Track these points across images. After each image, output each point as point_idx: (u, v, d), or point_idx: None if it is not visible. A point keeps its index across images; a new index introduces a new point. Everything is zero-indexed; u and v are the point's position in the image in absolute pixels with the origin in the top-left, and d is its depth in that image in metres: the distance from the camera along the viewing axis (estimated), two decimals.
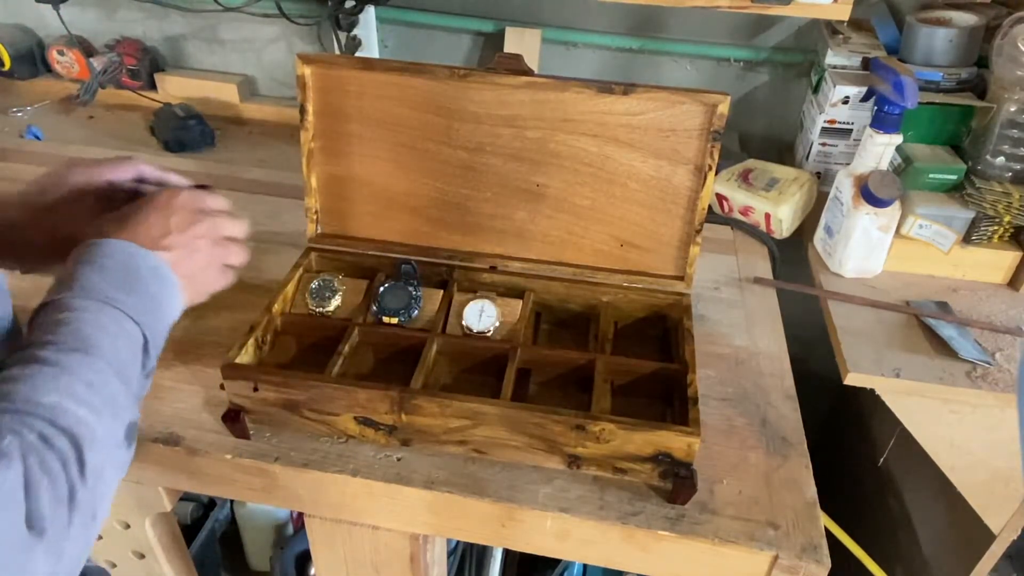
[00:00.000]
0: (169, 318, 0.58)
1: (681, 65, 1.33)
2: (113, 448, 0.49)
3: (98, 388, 0.48)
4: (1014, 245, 1.04)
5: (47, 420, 0.45)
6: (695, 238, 0.85)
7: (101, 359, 0.49)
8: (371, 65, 0.84)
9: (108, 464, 0.48)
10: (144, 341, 0.54)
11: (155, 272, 0.57)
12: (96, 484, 0.46)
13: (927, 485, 1.00)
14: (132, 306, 0.53)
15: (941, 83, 1.06)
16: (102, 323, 0.51)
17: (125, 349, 0.52)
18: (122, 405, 0.50)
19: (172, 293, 0.58)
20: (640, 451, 0.70)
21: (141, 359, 0.54)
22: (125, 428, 0.50)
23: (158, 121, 1.38)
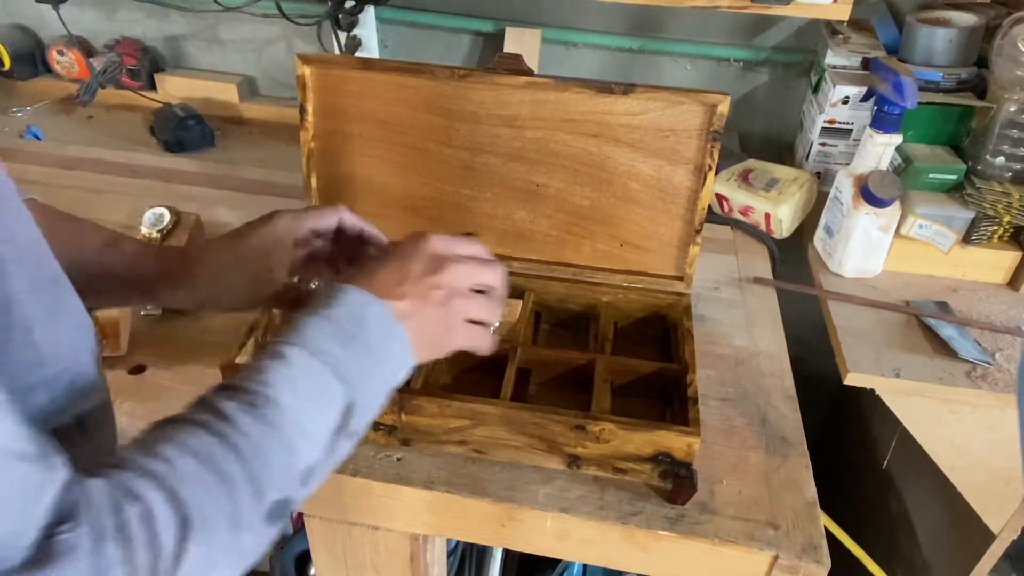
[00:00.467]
0: (389, 374, 0.51)
1: (681, 65, 1.33)
2: (240, 533, 0.40)
3: (249, 459, 0.41)
4: (1014, 245, 1.04)
5: (163, 489, 0.38)
6: (695, 238, 0.85)
7: (275, 423, 0.43)
8: (371, 65, 0.84)
9: (223, 555, 0.39)
10: (349, 403, 0.47)
11: (382, 322, 0.50)
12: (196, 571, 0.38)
13: (927, 485, 1.00)
14: (343, 362, 0.47)
15: (941, 83, 1.06)
16: (296, 381, 0.45)
17: (316, 413, 0.45)
18: (275, 479, 0.42)
19: (399, 348, 0.52)
20: (640, 451, 0.70)
21: (337, 420, 0.46)
22: (268, 507, 0.42)
23: (158, 121, 1.38)
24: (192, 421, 0.42)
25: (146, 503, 0.36)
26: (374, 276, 0.54)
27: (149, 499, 0.37)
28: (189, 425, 0.41)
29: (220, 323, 0.91)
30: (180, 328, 0.90)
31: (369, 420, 0.50)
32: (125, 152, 1.31)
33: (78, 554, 0.33)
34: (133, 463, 0.38)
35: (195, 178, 1.24)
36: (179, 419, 0.43)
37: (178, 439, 0.40)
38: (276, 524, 0.43)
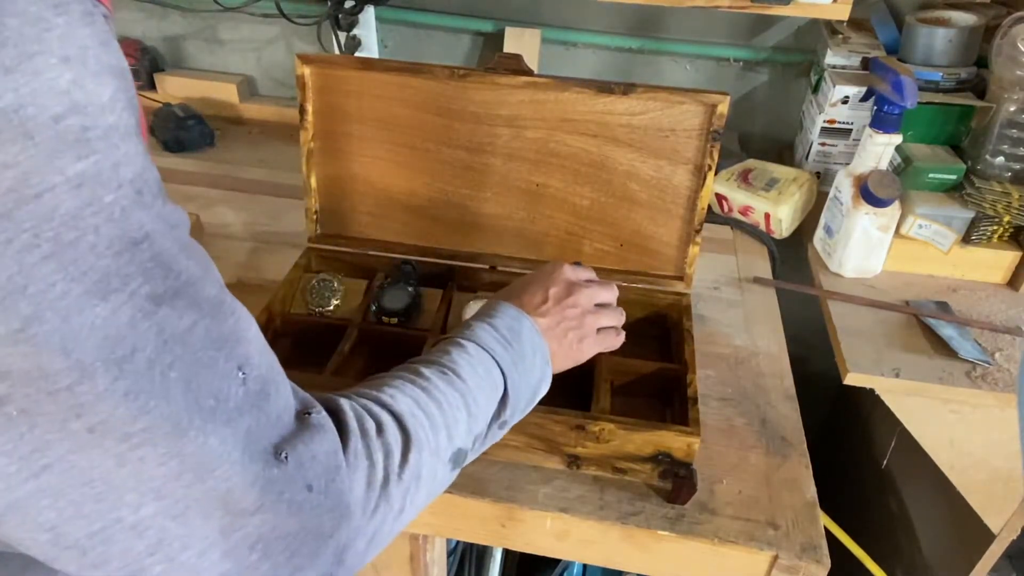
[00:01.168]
0: (533, 379, 0.61)
1: (681, 65, 1.33)
2: (437, 462, 0.50)
3: (445, 409, 0.51)
4: (1014, 245, 1.04)
5: (390, 412, 0.48)
6: (695, 238, 0.85)
7: (460, 389, 0.53)
8: (371, 65, 0.84)
9: (428, 473, 0.49)
10: (504, 392, 0.57)
11: (532, 335, 0.62)
12: (411, 485, 0.47)
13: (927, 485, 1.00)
14: (504, 358, 0.58)
15: (940, 83, 1.06)
16: (474, 364, 0.56)
17: (485, 393, 0.56)
18: (460, 432, 0.53)
19: (543, 358, 0.62)
20: (640, 451, 0.70)
21: (496, 407, 0.57)
22: (453, 451, 0.52)
23: (158, 121, 1.38)
24: (401, 377, 0.52)
25: (380, 419, 0.47)
26: (523, 297, 0.66)
27: (382, 417, 0.47)
28: (399, 379, 0.52)
29: None
30: None
31: (518, 415, 0.60)
32: None
33: (326, 430, 0.41)
34: (364, 394, 0.49)
35: (195, 178, 1.24)
36: (388, 375, 0.53)
37: (395, 384, 0.51)
38: (455, 468, 0.53)
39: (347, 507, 0.42)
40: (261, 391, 0.38)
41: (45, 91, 0.27)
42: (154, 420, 0.32)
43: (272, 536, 0.37)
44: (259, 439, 0.37)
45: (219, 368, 0.35)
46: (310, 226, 0.93)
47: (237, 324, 0.37)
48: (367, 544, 0.44)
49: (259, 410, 0.38)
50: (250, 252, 1.05)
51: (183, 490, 0.34)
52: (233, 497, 0.35)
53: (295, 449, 0.39)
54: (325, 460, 0.41)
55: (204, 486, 0.34)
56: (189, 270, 0.34)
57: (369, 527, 0.44)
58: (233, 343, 0.37)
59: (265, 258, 1.04)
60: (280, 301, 0.84)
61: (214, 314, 0.35)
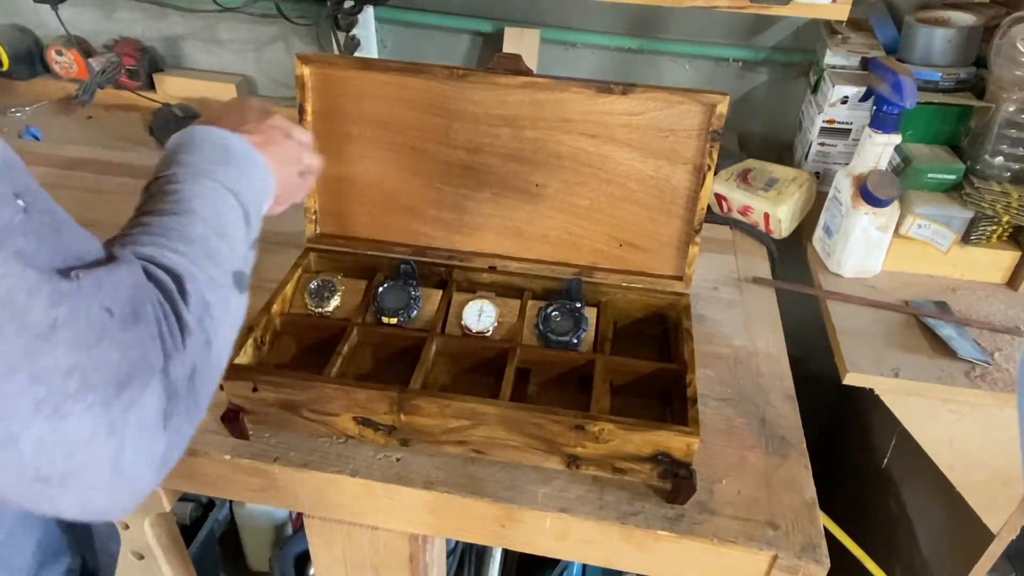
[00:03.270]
0: (263, 192, 0.61)
1: (680, 65, 1.33)
2: (217, 287, 0.50)
3: (196, 243, 0.51)
4: (1013, 245, 1.04)
5: (147, 260, 0.47)
6: (694, 238, 0.85)
7: (198, 220, 0.52)
8: (370, 65, 0.84)
9: (215, 299, 0.49)
10: (243, 211, 0.56)
11: (243, 148, 0.60)
12: (203, 314, 0.47)
13: (926, 485, 1.00)
14: (227, 176, 0.56)
15: (940, 83, 1.06)
16: (199, 191, 0.54)
17: (224, 214, 0.55)
18: (224, 257, 0.52)
19: (262, 170, 0.61)
20: (639, 451, 0.70)
21: (244, 228, 0.56)
22: (231, 275, 0.52)
23: (157, 121, 1.38)
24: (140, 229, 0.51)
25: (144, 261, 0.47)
26: (218, 120, 0.63)
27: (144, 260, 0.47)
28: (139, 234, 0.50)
29: None
30: None
31: (257, 229, 0.60)
32: (124, 152, 1.31)
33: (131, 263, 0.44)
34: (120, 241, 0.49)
35: None
36: (127, 230, 0.52)
37: (136, 238, 0.50)
38: (243, 291, 0.54)
39: (162, 341, 0.43)
40: (50, 224, 0.39)
41: None
42: None
43: (89, 365, 0.38)
44: (39, 258, 0.37)
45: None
46: (310, 226, 0.93)
47: (7, 154, 0.38)
48: (189, 378, 0.45)
49: (40, 239, 0.38)
50: None
51: None
52: (17, 303, 0.35)
53: (92, 273, 0.40)
54: (131, 290, 0.42)
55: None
56: None
57: (187, 359, 0.45)
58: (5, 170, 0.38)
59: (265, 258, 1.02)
60: (280, 301, 0.84)
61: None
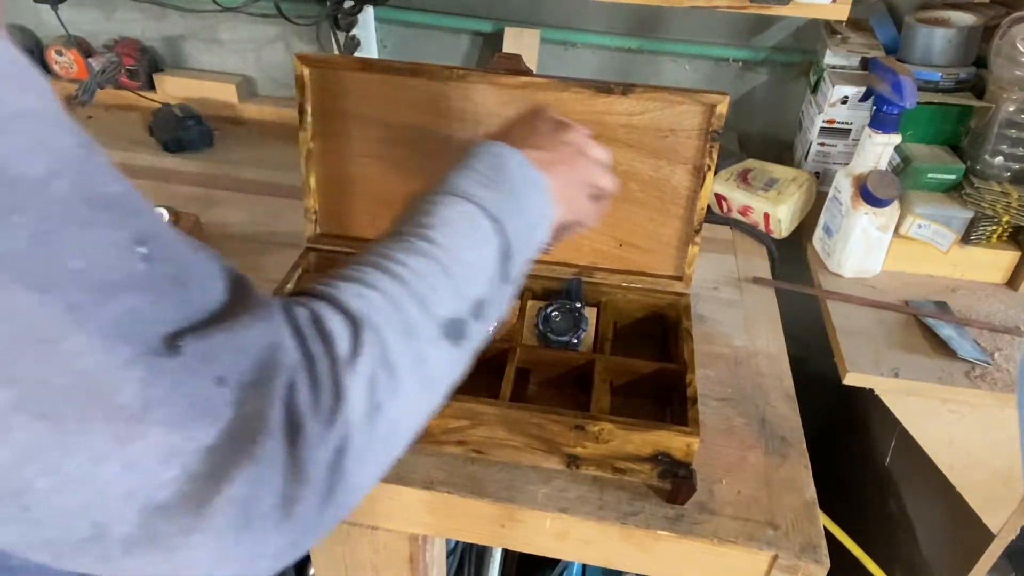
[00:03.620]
0: (535, 219, 0.52)
1: (680, 65, 1.32)
2: (417, 340, 0.41)
3: (408, 281, 0.43)
4: (1013, 245, 1.04)
5: (326, 300, 0.40)
6: (694, 238, 0.85)
7: (430, 254, 0.45)
8: (370, 65, 0.84)
9: (405, 357, 0.40)
10: (503, 242, 0.48)
11: (522, 169, 0.52)
12: (378, 374, 0.38)
13: (926, 485, 1.00)
14: (493, 200, 0.48)
15: (940, 83, 1.06)
16: (451, 216, 0.47)
17: (472, 245, 0.47)
18: (442, 300, 0.43)
19: (540, 193, 0.53)
20: (639, 451, 0.70)
21: (496, 256, 0.47)
22: (442, 324, 0.43)
23: (157, 121, 1.38)
24: (351, 265, 0.44)
25: (313, 308, 0.39)
26: (506, 133, 0.56)
27: (314, 306, 0.39)
28: (344, 269, 0.43)
29: None
30: None
31: (523, 265, 0.51)
32: (124, 152, 1.31)
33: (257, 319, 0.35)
34: (301, 290, 0.42)
35: (194, 178, 1.24)
36: (342, 264, 0.45)
37: (336, 274, 0.43)
38: (459, 344, 0.44)
39: (292, 412, 0.35)
40: (172, 276, 0.33)
41: None
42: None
43: (190, 448, 0.31)
44: (148, 322, 0.31)
45: (99, 232, 0.30)
46: (309, 226, 0.93)
47: (130, 195, 0.33)
48: (337, 456, 0.36)
49: (159, 294, 0.32)
50: (249, 252, 1.05)
51: (33, 368, 0.28)
52: (102, 388, 0.29)
53: (203, 338, 0.33)
54: (260, 353, 0.34)
55: (57, 366, 0.28)
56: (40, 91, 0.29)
57: (330, 435, 0.36)
58: (128, 213, 0.32)
59: (264, 258, 1.03)
60: None
61: (84, 170, 0.31)
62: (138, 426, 0.30)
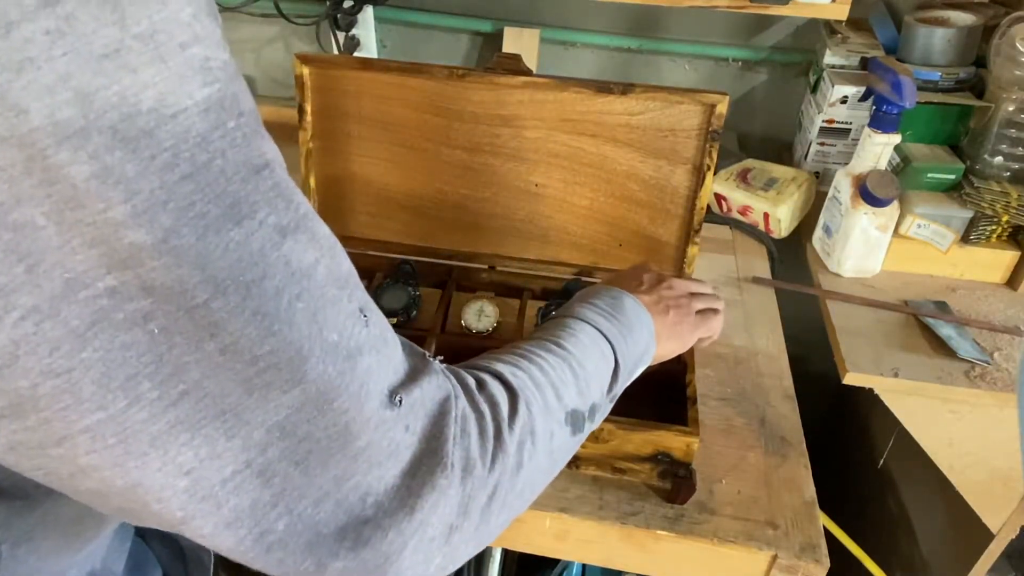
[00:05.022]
0: (641, 350, 0.60)
1: (679, 65, 1.33)
2: (550, 419, 0.49)
3: (548, 371, 0.51)
4: (1012, 244, 1.04)
5: (489, 372, 0.48)
6: (694, 238, 0.85)
7: (562, 356, 0.53)
8: (369, 65, 0.84)
9: (542, 429, 0.47)
10: (615, 363, 0.56)
11: (635, 308, 0.61)
12: (526, 439, 0.45)
13: (926, 485, 1.00)
14: (609, 329, 0.58)
15: (939, 83, 1.06)
16: (577, 335, 0.56)
17: (592, 360, 0.55)
18: (570, 393, 0.51)
19: (647, 329, 0.62)
20: (639, 451, 0.70)
21: (609, 377, 0.56)
22: (567, 411, 0.51)
23: None
24: (494, 354, 0.52)
25: (480, 377, 0.46)
26: (618, 282, 0.65)
27: (482, 376, 0.47)
28: (493, 356, 0.51)
29: None
30: None
31: (622, 389, 0.59)
32: None
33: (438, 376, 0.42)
34: (461, 367, 0.48)
35: None
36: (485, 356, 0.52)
37: (489, 357, 0.51)
38: (575, 433, 0.52)
39: (466, 454, 0.41)
40: (381, 336, 0.39)
41: (173, 20, 0.28)
42: (279, 343, 0.32)
43: (380, 487, 0.37)
44: (378, 379, 0.37)
45: (342, 306, 0.36)
46: None
47: (352, 270, 0.38)
48: (489, 499, 0.42)
49: (379, 353, 0.38)
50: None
51: (305, 426, 0.34)
52: (349, 437, 0.35)
53: (410, 392, 0.39)
54: (433, 405, 0.41)
55: (324, 419, 0.34)
56: (305, 204, 0.35)
57: (490, 479, 0.42)
58: (353, 286, 0.38)
59: None
60: None
61: (332, 254, 0.36)
62: (353, 465, 0.36)
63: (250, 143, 0.32)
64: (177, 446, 0.31)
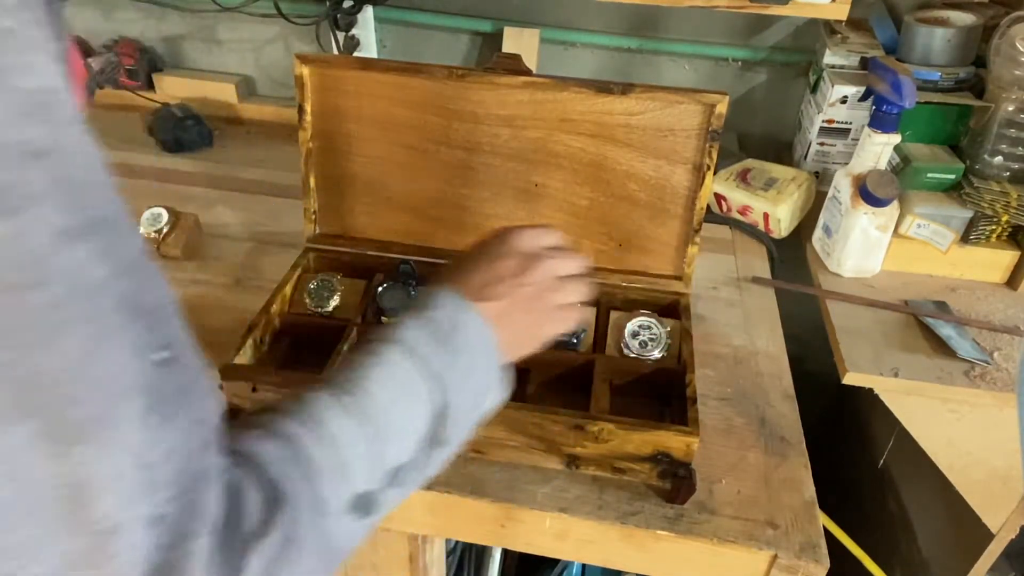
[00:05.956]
0: (480, 382, 0.51)
1: (679, 65, 1.33)
2: (321, 517, 0.41)
3: (334, 447, 0.42)
4: (1012, 244, 1.04)
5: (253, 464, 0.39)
6: (693, 238, 0.85)
7: (360, 416, 0.44)
8: (369, 65, 0.84)
9: (308, 533, 0.39)
10: (441, 401, 0.47)
11: (476, 329, 0.52)
12: (279, 552, 0.38)
13: (926, 485, 1.00)
14: (439, 358, 0.48)
15: (939, 83, 1.06)
16: (386, 379, 0.46)
17: (403, 409, 0.46)
18: (357, 472, 0.43)
19: (487, 357, 0.52)
20: (639, 451, 0.70)
21: (428, 425, 0.47)
22: (350, 497, 0.42)
23: (156, 121, 1.38)
24: (283, 411, 0.43)
25: (239, 476, 0.37)
26: (469, 277, 0.55)
27: (242, 474, 0.38)
28: (278, 415, 0.42)
29: (219, 323, 0.91)
30: None
31: (463, 430, 0.50)
32: (123, 152, 1.31)
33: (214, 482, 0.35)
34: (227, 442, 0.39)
35: (193, 178, 1.24)
36: (271, 408, 0.44)
37: (275, 420, 0.42)
38: (363, 518, 0.43)
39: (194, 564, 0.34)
40: (180, 388, 0.34)
41: None
42: (32, 366, 0.28)
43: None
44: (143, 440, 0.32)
45: (127, 339, 0.31)
46: (309, 226, 0.93)
47: (165, 304, 0.34)
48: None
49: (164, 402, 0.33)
50: (249, 252, 1.05)
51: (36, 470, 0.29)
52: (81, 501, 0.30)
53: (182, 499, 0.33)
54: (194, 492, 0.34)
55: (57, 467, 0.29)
56: (110, 211, 0.31)
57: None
58: (161, 320, 0.33)
59: (264, 258, 1.03)
60: (279, 301, 0.84)
61: (137, 277, 0.32)
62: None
63: (25, 124, 0.28)
64: None
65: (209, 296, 0.96)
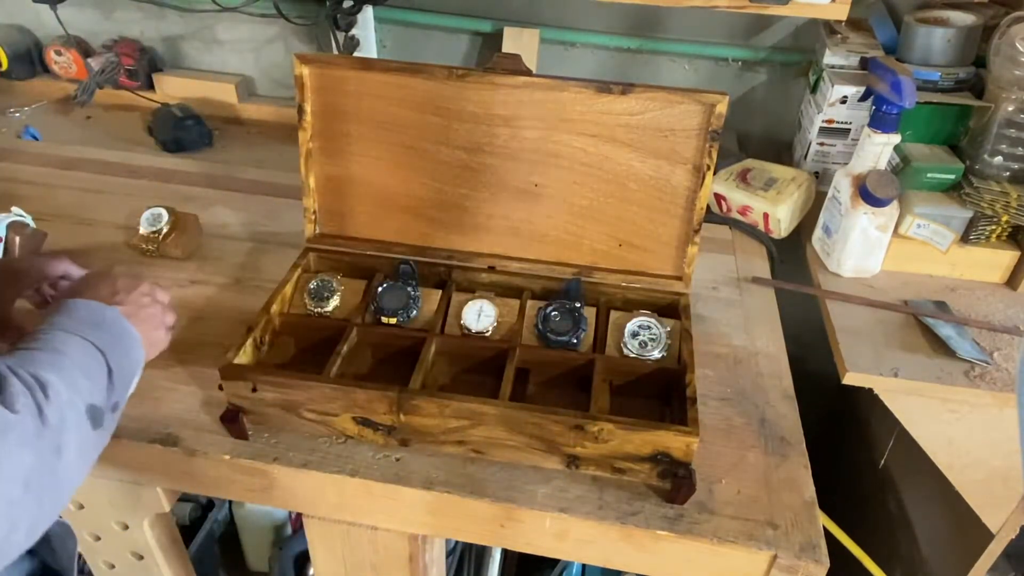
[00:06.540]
0: (134, 363, 0.66)
1: (679, 65, 1.33)
2: (73, 411, 0.56)
3: (60, 370, 0.56)
4: (1012, 244, 1.04)
5: (10, 365, 0.54)
6: (693, 238, 0.85)
7: (65, 358, 0.58)
8: (369, 65, 0.84)
9: (71, 416, 0.55)
10: (108, 370, 0.61)
11: (117, 321, 0.66)
12: (60, 421, 0.53)
13: (925, 484, 1.00)
14: (97, 338, 0.62)
15: (939, 83, 1.06)
16: (69, 345, 0.60)
17: (90, 366, 0.60)
18: (83, 388, 0.58)
19: (133, 341, 0.67)
20: (639, 451, 0.70)
21: (106, 385, 0.61)
22: (86, 406, 0.57)
23: (156, 121, 1.38)
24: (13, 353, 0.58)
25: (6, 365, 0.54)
26: (93, 292, 0.68)
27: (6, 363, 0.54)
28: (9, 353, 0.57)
29: (219, 323, 0.91)
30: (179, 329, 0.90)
31: (126, 396, 0.65)
32: (123, 152, 1.31)
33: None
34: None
35: (193, 178, 1.24)
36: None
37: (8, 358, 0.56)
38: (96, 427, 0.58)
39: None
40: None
41: None
42: None
43: None
44: None
45: None
46: (309, 226, 0.93)
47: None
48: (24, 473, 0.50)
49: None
50: (249, 252, 1.05)
51: None
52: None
53: None
54: None
55: None
56: None
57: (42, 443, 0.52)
58: None
59: (264, 258, 1.03)
60: (279, 302, 0.84)
61: None
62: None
63: None
64: None
65: (209, 296, 0.96)
